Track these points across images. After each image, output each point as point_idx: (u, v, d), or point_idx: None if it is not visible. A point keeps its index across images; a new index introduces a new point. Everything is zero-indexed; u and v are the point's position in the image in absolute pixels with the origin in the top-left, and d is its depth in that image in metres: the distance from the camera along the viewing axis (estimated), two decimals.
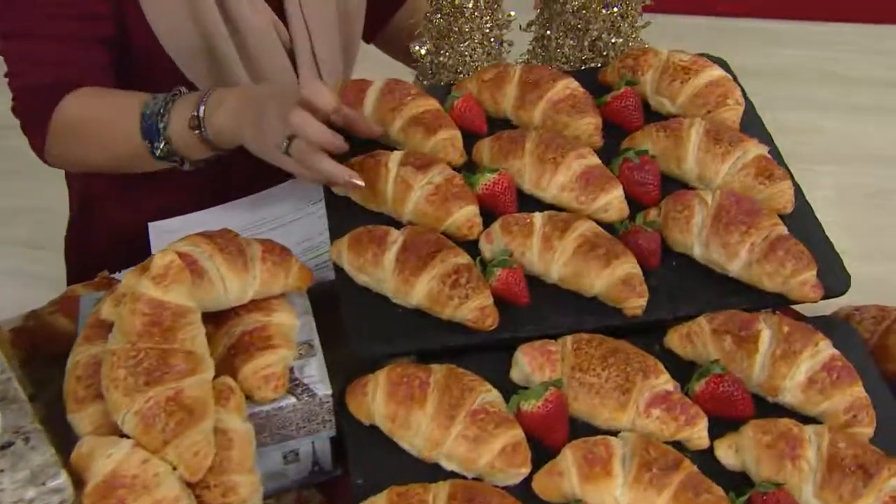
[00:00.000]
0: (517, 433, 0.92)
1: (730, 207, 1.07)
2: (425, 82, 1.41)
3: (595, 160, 1.15)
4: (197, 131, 1.14)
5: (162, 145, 1.15)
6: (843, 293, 1.08)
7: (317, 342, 1.00)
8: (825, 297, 1.07)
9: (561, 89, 1.23)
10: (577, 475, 0.88)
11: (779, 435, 0.90)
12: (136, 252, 1.19)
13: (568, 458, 0.89)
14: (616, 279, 1.03)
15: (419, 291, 1.01)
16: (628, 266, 1.04)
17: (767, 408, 0.97)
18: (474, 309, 1.01)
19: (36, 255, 2.52)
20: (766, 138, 1.22)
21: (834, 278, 1.08)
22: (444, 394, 0.92)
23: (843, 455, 0.87)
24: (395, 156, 1.14)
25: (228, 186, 1.41)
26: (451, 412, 0.91)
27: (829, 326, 1.06)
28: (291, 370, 0.97)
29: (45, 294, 1.19)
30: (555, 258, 1.05)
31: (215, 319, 0.97)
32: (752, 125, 1.25)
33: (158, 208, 1.38)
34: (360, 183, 1.08)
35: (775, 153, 1.20)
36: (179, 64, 1.28)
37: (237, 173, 1.45)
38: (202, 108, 1.13)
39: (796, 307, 1.21)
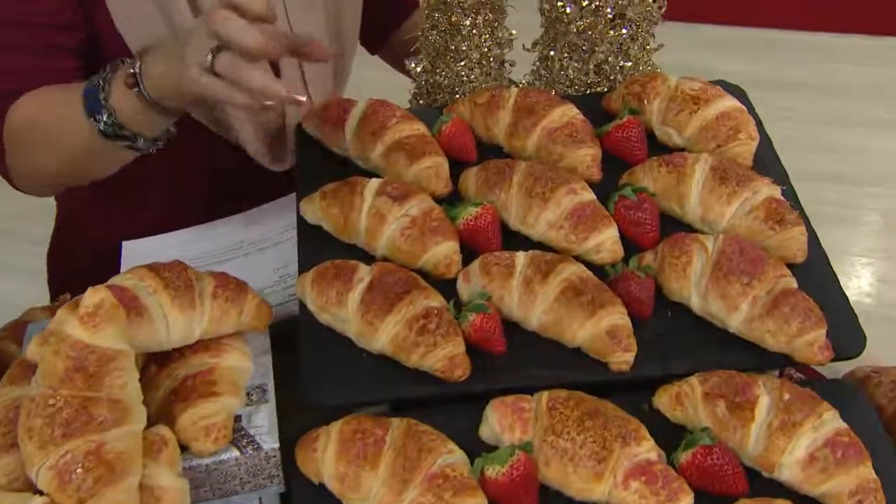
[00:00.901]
0: (478, 502, 0.83)
1: (732, 255, 0.97)
2: (421, 102, 1.33)
3: (589, 196, 1.06)
4: (136, 89, 1.02)
5: (105, 117, 1.04)
6: (855, 356, 0.98)
7: (271, 387, 0.92)
8: (836, 360, 0.97)
9: (558, 117, 1.13)
10: None
11: None
12: (117, 271, 1.12)
13: None
14: (601, 330, 0.94)
15: (383, 336, 0.93)
16: (615, 316, 0.94)
17: (763, 484, 0.87)
18: (443, 358, 0.92)
19: None
20: (781, 177, 1.12)
21: (847, 339, 0.97)
22: (399, 454, 0.84)
23: None
24: (373, 184, 1.06)
25: (216, 204, 1.34)
26: (406, 476, 0.83)
27: (839, 392, 0.96)
28: (239, 418, 0.89)
29: None
30: (535, 304, 0.96)
31: (159, 360, 0.90)
32: (768, 162, 1.15)
33: (142, 225, 1.32)
34: (302, 99, 0.93)
35: (791, 194, 1.10)
36: None
37: (226, 190, 1.38)
38: (138, 63, 1.02)
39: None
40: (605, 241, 1.03)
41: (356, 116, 1.14)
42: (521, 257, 0.99)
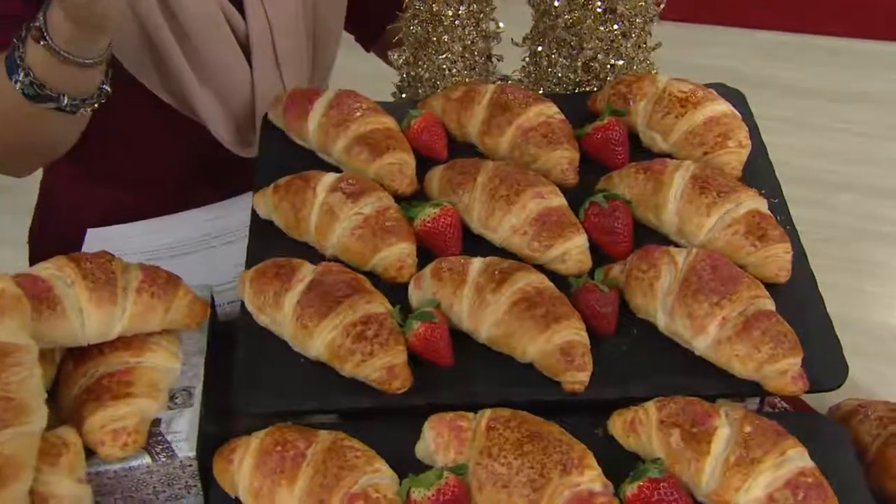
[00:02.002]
0: None
1: (703, 272, 0.89)
2: (403, 96, 1.27)
3: (558, 201, 0.99)
4: (42, 42, 0.97)
5: (22, 76, 0.99)
6: (834, 388, 0.89)
7: (198, 390, 0.87)
8: (811, 391, 0.89)
9: (534, 115, 1.06)
10: None
11: None
12: None
13: None
14: (553, 346, 0.87)
15: (318, 341, 0.87)
16: (570, 332, 0.87)
17: None
18: (380, 368, 0.86)
19: None
20: (773, 190, 1.04)
21: (826, 369, 0.89)
22: (319, 471, 0.78)
23: None
24: (328, 179, 1.00)
25: (192, 191, 1.30)
26: (323, 495, 0.77)
27: (814, 428, 0.88)
28: (158, 422, 0.83)
29: None
30: (485, 315, 0.89)
31: (78, 356, 0.85)
32: (760, 173, 1.06)
33: (117, 209, 1.28)
34: None
35: (781, 209, 1.02)
36: (120, 57, 1.16)
37: (203, 177, 1.34)
38: (40, 15, 0.98)
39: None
40: (572, 250, 0.96)
41: (321, 106, 1.08)
42: (476, 264, 0.92)
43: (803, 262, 0.98)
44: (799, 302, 0.94)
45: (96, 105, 1.06)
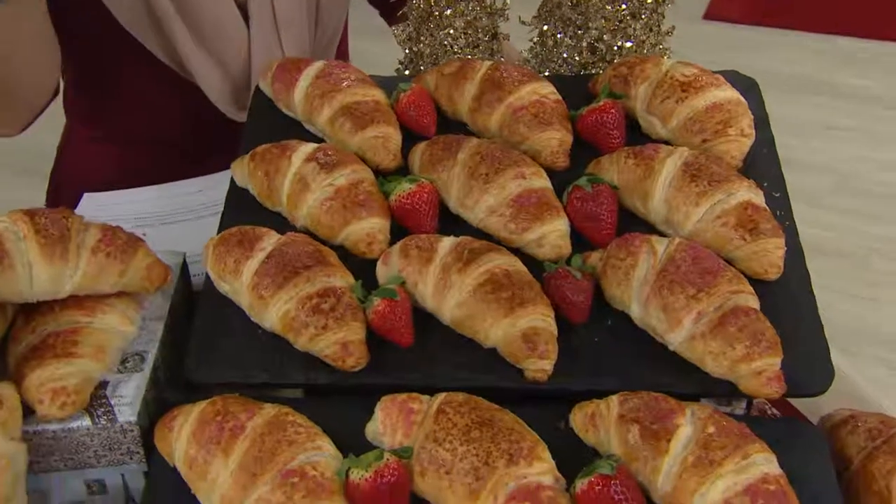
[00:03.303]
0: None
1: (682, 262, 0.84)
2: (406, 72, 1.24)
3: (540, 183, 0.94)
4: None
5: None
6: (819, 393, 0.83)
7: (151, 356, 0.85)
8: (791, 395, 0.83)
9: (526, 94, 1.02)
10: None
11: None
12: None
13: None
14: (517, 332, 0.82)
15: (273, 313, 0.84)
16: (535, 318, 0.83)
17: None
18: (334, 343, 0.83)
19: None
20: (775, 183, 0.98)
21: (810, 373, 0.83)
22: (255, 444, 0.75)
23: None
24: (305, 149, 0.97)
25: (196, 159, 1.30)
26: (256, 469, 0.74)
27: (791, 434, 0.82)
28: (104, 386, 0.82)
29: None
30: (449, 295, 0.85)
31: (28, 312, 0.83)
32: (762, 165, 1.01)
33: (122, 174, 1.28)
34: None
35: (783, 204, 0.96)
36: (116, 13, 1.15)
37: (206, 143, 1.33)
38: None
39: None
40: (549, 235, 0.91)
41: (309, 76, 1.05)
42: (446, 242, 0.89)
43: (799, 261, 0.92)
44: (789, 302, 0.88)
45: None
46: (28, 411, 0.78)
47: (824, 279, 2.56)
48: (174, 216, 1.20)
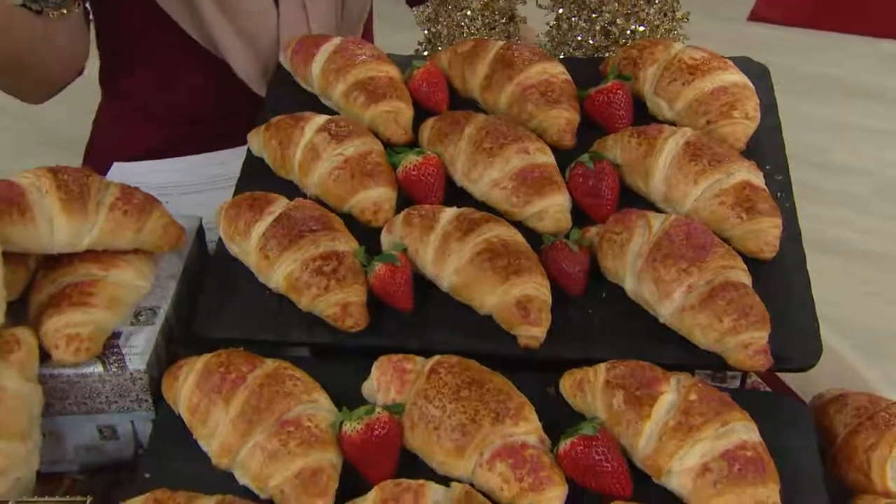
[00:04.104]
0: (325, 458, 0.77)
1: (676, 237, 0.86)
2: (425, 53, 1.27)
3: (543, 159, 0.97)
4: None
5: None
6: (806, 369, 0.85)
7: (163, 311, 0.89)
8: (778, 370, 0.85)
9: (536, 73, 1.05)
10: None
11: None
12: None
13: (370, 499, 0.74)
14: (510, 299, 0.85)
15: (278, 273, 0.88)
16: (530, 287, 0.86)
17: (652, 491, 0.77)
18: (334, 304, 0.86)
19: None
20: (778, 167, 1.00)
21: (798, 349, 0.85)
22: (255, 395, 0.79)
23: None
24: (318, 120, 1.01)
25: (222, 134, 1.34)
26: (254, 417, 0.78)
27: (776, 406, 0.84)
28: (117, 336, 0.86)
29: None
30: (448, 262, 0.88)
31: (49, 264, 0.88)
32: (766, 148, 1.02)
33: (153, 150, 1.33)
34: None
35: (785, 187, 0.98)
36: None
37: (234, 118, 1.37)
38: None
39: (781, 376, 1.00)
40: (550, 209, 0.94)
41: (326, 51, 1.09)
42: (448, 213, 0.92)
43: (796, 243, 0.94)
44: (783, 281, 0.90)
45: (64, 11, 1.07)
46: (45, 356, 0.83)
47: (866, 285, 2.53)
48: (196, 186, 1.24)
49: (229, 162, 1.28)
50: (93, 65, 1.33)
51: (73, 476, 0.88)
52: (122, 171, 1.27)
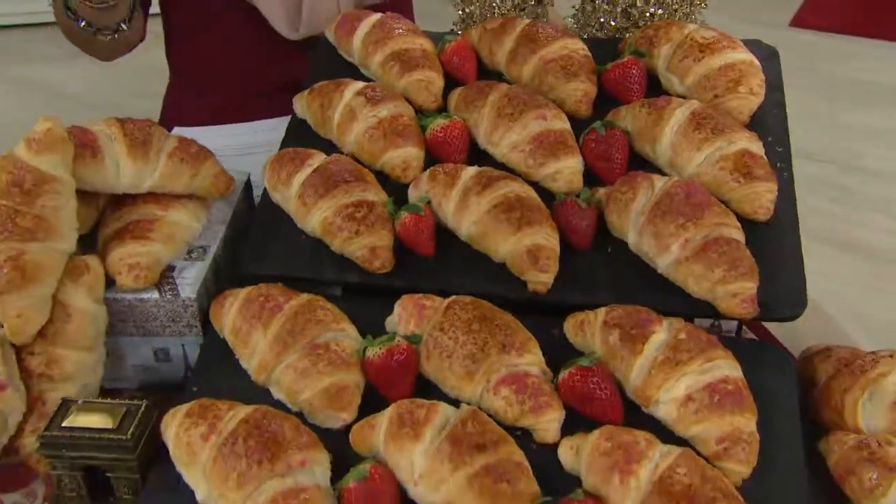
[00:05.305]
0: (349, 378, 0.87)
1: (676, 196, 0.94)
2: (459, 33, 1.36)
3: (560, 125, 1.06)
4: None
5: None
6: (788, 319, 0.93)
7: (213, 250, 1.00)
8: (766, 319, 0.94)
9: (558, 48, 1.13)
10: (386, 432, 0.82)
11: (620, 444, 0.79)
12: None
13: (387, 413, 0.83)
14: (522, 247, 0.94)
15: (315, 218, 0.98)
16: (540, 237, 0.95)
17: (642, 419, 0.86)
18: (364, 246, 0.96)
19: None
20: (780, 138, 1.07)
21: (784, 300, 0.93)
22: (290, 321, 0.89)
23: (676, 482, 0.75)
24: (356, 85, 1.11)
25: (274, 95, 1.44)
26: (289, 340, 0.88)
27: (762, 351, 0.92)
28: (172, 269, 0.97)
29: None
30: (467, 213, 0.97)
31: (116, 203, 0.99)
32: (769, 122, 1.09)
33: (212, 113, 1.45)
34: None
35: (785, 158, 1.05)
36: None
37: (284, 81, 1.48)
38: None
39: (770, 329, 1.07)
40: (563, 170, 1.03)
41: (367, 25, 1.19)
42: (470, 170, 1.01)
43: (790, 208, 1.01)
44: (776, 240, 0.98)
45: (116, 35, 1.26)
46: (110, 283, 0.94)
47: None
48: (249, 149, 1.35)
49: (278, 128, 1.39)
50: None
51: (131, 392, 0.99)
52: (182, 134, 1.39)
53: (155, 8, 1.46)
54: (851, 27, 3.77)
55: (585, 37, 1.30)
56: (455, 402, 0.86)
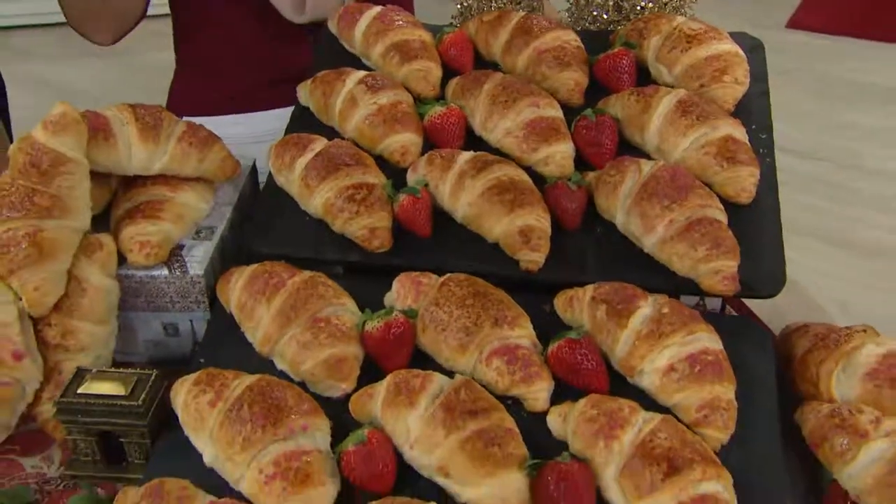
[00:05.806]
0: (349, 349, 0.91)
1: (661, 179, 0.99)
2: (457, 27, 1.40)
3: (552, 112, 1.10)
4: None
5: None
6: (768, 296, 0.98)
7: (220, 230, 1.05)
8: (746, 296, 0.98)
9: (551, 39, 1.18)
10: (383, 399, 0.86)
11: (605, 411, 0.83)
12: None
13: (385, 382, 0.88)
14: (514, 228, 0.99)
15: (317, 199, 1.03)
16: (531, 217, 0.99)
17: (627, 389, 0.90)
18: (363, 227, 1.01)
19: None
20: (763, 126, 1.12)
21: (764, 278, 0.97)
22: (292, 296, 0.93)
23: (657, 445, 0.80)
24: (357, 74, 1.15)
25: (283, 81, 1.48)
26: (291, 314, 0.92)
27: (742, 327, 0.97)
28: (181, 248, 1.02)
29: None
30: (462, 196, 1.02)
31: (127, 185, 1.04)
32: (754, 111, 1.14)
33: (222, 101, 1.49)
34: None
35: (768, 144, 1.10)
36: None
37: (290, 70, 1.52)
38: None
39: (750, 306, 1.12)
40: (555, 155, 1.07)
41: (368, 17, 1.23)
42: (465, 155, 1.06)
43: (772, 192, 1.05)
44: (758, 222, 1.02)
45: None
46: (122, 261, 0.99)
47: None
48: (254, 137, 1.40)
49: (284, 117, 1.43)
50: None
51: (141, 366, 1.04)
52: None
53: (162, 9, 1.51)
54: (847, 28, 3.82)
55: (579, 29, 1.35)
56: (449, 373, 0.90)
